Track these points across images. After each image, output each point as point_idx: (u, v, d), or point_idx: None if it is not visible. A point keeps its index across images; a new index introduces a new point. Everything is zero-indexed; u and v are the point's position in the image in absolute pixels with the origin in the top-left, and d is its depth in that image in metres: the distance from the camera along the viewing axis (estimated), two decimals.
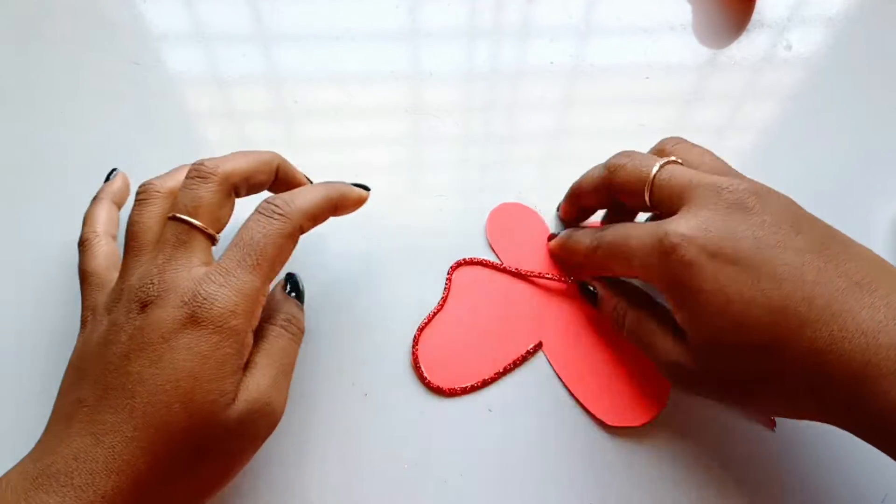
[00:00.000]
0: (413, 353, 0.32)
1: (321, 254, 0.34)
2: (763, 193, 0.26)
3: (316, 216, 0.28)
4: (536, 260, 0.34)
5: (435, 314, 0.32)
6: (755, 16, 0.40)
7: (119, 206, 0.32)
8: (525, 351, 0.32)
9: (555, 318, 0.33)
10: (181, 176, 0.29)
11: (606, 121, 0.38)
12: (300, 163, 0.35)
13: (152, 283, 0.25)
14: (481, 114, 0.38)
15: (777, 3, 0.40)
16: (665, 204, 0.27)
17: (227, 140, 0.37)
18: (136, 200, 0.28)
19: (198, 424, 0.24)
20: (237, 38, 0.39)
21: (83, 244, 0.29)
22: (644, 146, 0.37)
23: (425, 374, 0.31)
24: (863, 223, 0.35)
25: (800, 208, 0.26)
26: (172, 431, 0.23)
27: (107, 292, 0.27)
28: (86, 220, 0.31)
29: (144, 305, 0.25)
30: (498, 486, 0.30)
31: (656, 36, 0.39)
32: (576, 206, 0.33)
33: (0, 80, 0.38)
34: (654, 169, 0.28)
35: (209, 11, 0.40)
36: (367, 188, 0.31)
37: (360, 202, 0.30)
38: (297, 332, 0.28)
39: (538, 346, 0.32)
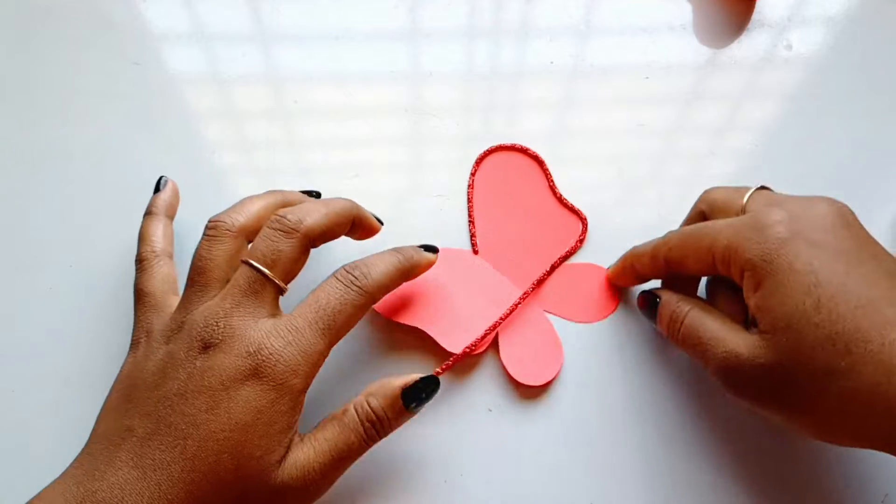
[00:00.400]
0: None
1: (321, 253, 0.34)
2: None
3: (389, 287, 0.28)
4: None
5: None
6: (755, 16, 0.40)
7: (171, 218, 0.32)
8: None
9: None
10: (251, 210, 0.28)
11: (606, 121, 0.38)
12: (300, 163, 0.35)
13: (217, 326, 0.25)
14: (481, 114, 0.38)
15: (777, 3, 0.40)
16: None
17: (227, 140, 0.37)
18: (206, 235, 0.28)
19: (242, 479, 0.24)
20: (237, 38, 0.39)
21: (141, 263, 0.29)
22: (644, 146, 0.37)
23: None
24: (862, 223, 0.35)
25: None
26: (219, 481, 0.23)
27: (164, 317, 0.27)
28: (143, 237, 0.30)
29: (207, 346, 0.25)
30: (498, 486, 0.30)
31: (656, 36, 0.39)
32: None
33: (0, 79, 0.38)
34: (749, 193, 0.28)
35: (209, 11, 0.40)
36: (434, 250, 0.30)
37: (428, 267, 0.30)
38: (375, 438, 0.26)
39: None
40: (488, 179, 0.36)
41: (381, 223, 0.31)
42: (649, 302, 0.30)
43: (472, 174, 0.36)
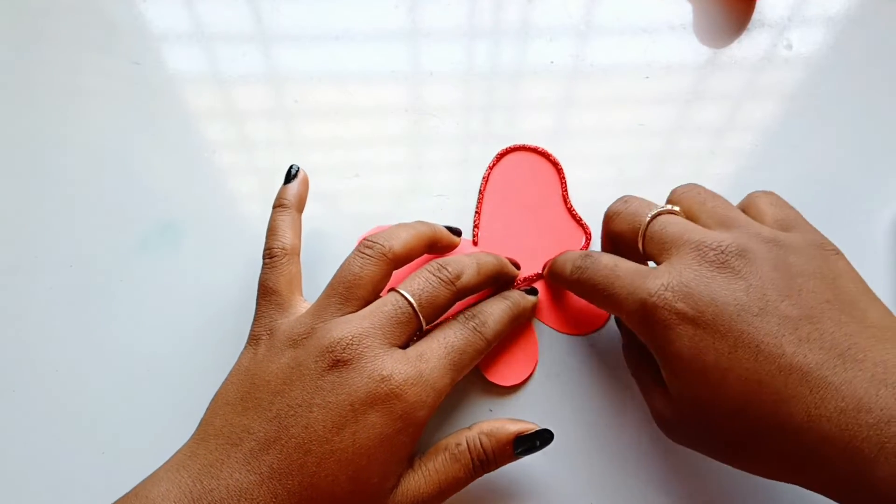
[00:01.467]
0: None
1: (322, 253, 0.34)
2: (752, 251, 0.24)
3: (503, 334, 0.29)
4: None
5: None
6: (755, 15, 0.40)
7: (301, 212, 0.31)
8: None
9: None
10: (406, 240, 0.28)
11: (606, 121, 0.38)
12: (300, 163, 0.35)
13: (351, 343, 0.25)
14: (481, 114, 0.38)
15: (777, 3, 0.40)
16: (655, 255, 0.27)
17: (227, 140, 0.37)
18: (361, 253, 0.28)
19: (356, 502, 0.24)
20: (237, 38, 0.39)
21: (271, 258, 0.28)
22: (644, 146, 0.37)
23: None
24: (863, 223, 0.35)
25: (807, 264, 0.24)
26: (333, 500, 0.23)
27: (290, 318, 0.27)
28: (273, 231, 0.29)
29: (337, 361, 0.25)
30: (500, 488, 0.30)
31: (656, 36, 0.39)
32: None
33: (0, 79, 0.38)
34: (647, 217, 0.27)
35: (209, 11, 0.40)
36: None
37: (532, 309, 0.32)
38: (479, 474, 0.27)
39: None
40: (504, 176, 0.36)
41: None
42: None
43: (490, 167, 0.36)
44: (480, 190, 0.35)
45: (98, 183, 0.35)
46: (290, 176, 0.31)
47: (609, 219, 0.29)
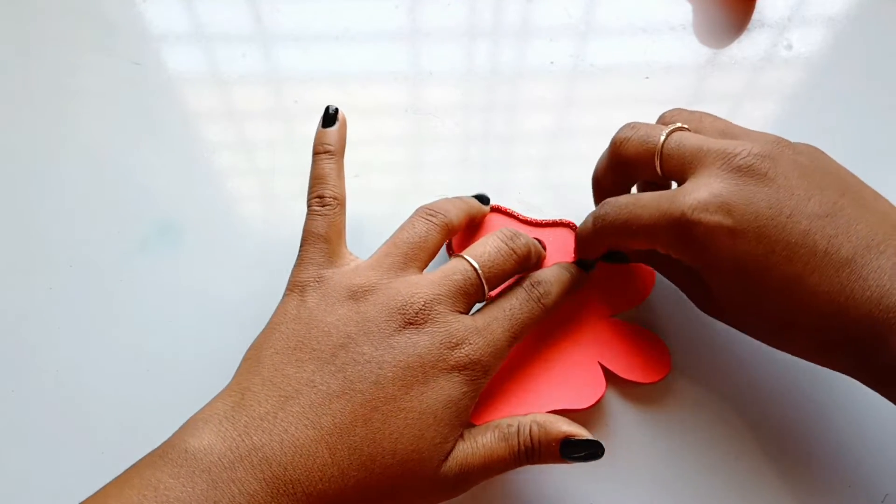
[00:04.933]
0: None
1: None
2: (775, 156, 0.25)
3: (562, 303, 0.29)
4: None
5: None
6: (755, 15, 0.40)
7: (343, 158, 0.30)
8: None
9: None
10: (459, 214, 0.29)
11: (606, 121, 0.37)
12: (301, 163, 0.35)
13: (424, 307, 0.25)
14: (481, 114, 0.38)
15: (777, 3, 0.40)
16: (676, 172, 0.27)
17: (227, 140, 0.37)
18: (424, 217, 0.28)
19: (414, 461, 0.24)
20: (237, 38, 0.39)
21: (322, 205, 0.28)
22: None
23: None
24: None
25: (813, 161, 0.26)
26: (393, 458, 0.23)
27: (342, 269, 0.27)
28: (321, 177, 0.28)
29: (409, 323, 0.25)
30: (497, 485, 0.30)
31: (656, 36, 0.39)
32: (599, 194, 0.31)
33: (0, 79, 0.38)
34: (662, 137, 0.27)
35: (209, 11, 0.40)
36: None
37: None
38: (523, 463, 0.26)
39: None
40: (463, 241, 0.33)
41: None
42: (614, 258, 0.31)
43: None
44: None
45: (98, 183, 0.35)
46: (328, 118, 0.30)
47: (618, 145, 0.29)
